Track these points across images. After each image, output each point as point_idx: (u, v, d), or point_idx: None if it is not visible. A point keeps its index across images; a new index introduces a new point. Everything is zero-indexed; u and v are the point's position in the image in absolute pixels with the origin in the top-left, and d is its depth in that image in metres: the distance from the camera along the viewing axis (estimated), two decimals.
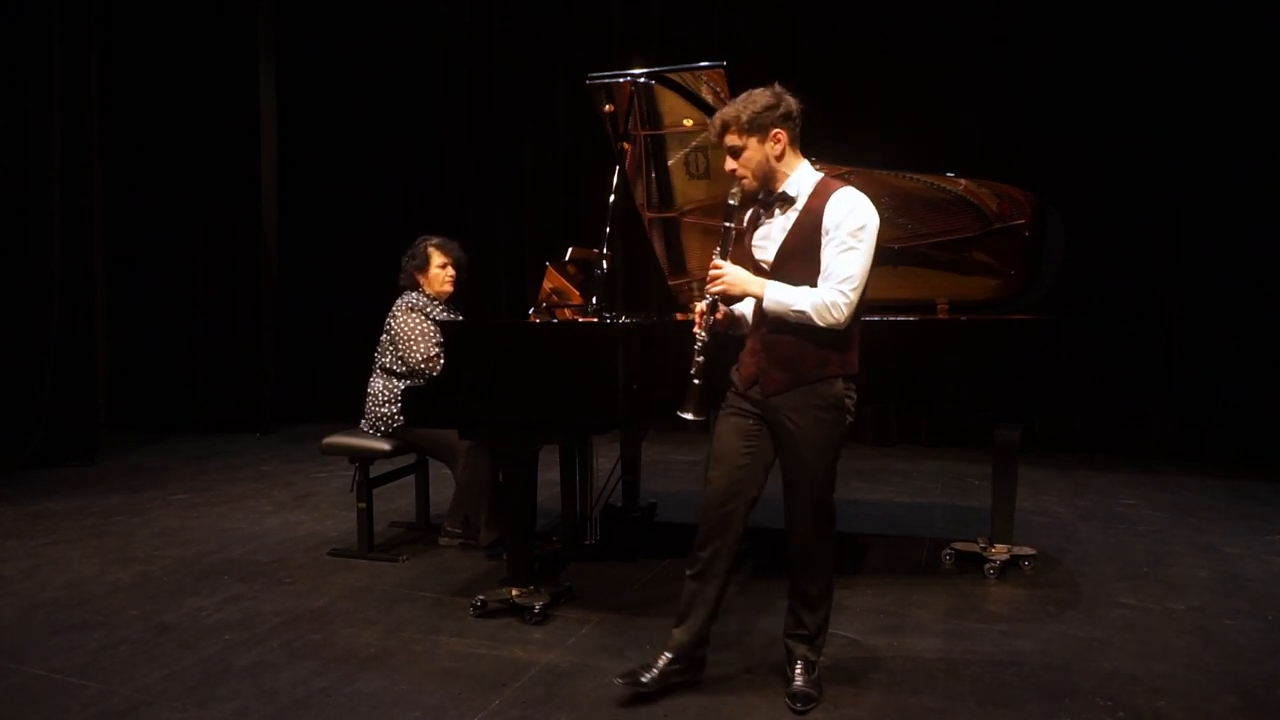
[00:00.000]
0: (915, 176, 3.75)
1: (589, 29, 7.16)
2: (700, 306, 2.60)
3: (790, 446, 2.56)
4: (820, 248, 2.49)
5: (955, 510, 4.83)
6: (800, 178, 2.57)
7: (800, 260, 2.51)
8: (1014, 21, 6.25)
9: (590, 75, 3.57)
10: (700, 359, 2.57)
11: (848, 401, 2.57)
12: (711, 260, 2.59)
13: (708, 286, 2.57)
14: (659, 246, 4.10)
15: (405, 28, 7.74)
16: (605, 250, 3.58)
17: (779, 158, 2.54)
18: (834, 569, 2.70)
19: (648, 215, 4.03)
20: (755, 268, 2.61)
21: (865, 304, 2.59)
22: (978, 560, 3.74)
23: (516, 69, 7.41)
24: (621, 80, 3.52)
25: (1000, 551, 3.71)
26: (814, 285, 2.49)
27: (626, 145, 3.70)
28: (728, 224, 2.58)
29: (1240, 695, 2.65)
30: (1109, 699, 2.63)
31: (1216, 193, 5.99)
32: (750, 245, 2.65)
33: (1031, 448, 5.05)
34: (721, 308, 2.63)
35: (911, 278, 3.94)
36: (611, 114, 3.61)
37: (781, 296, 2.49)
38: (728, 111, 2.54)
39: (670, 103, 3.61)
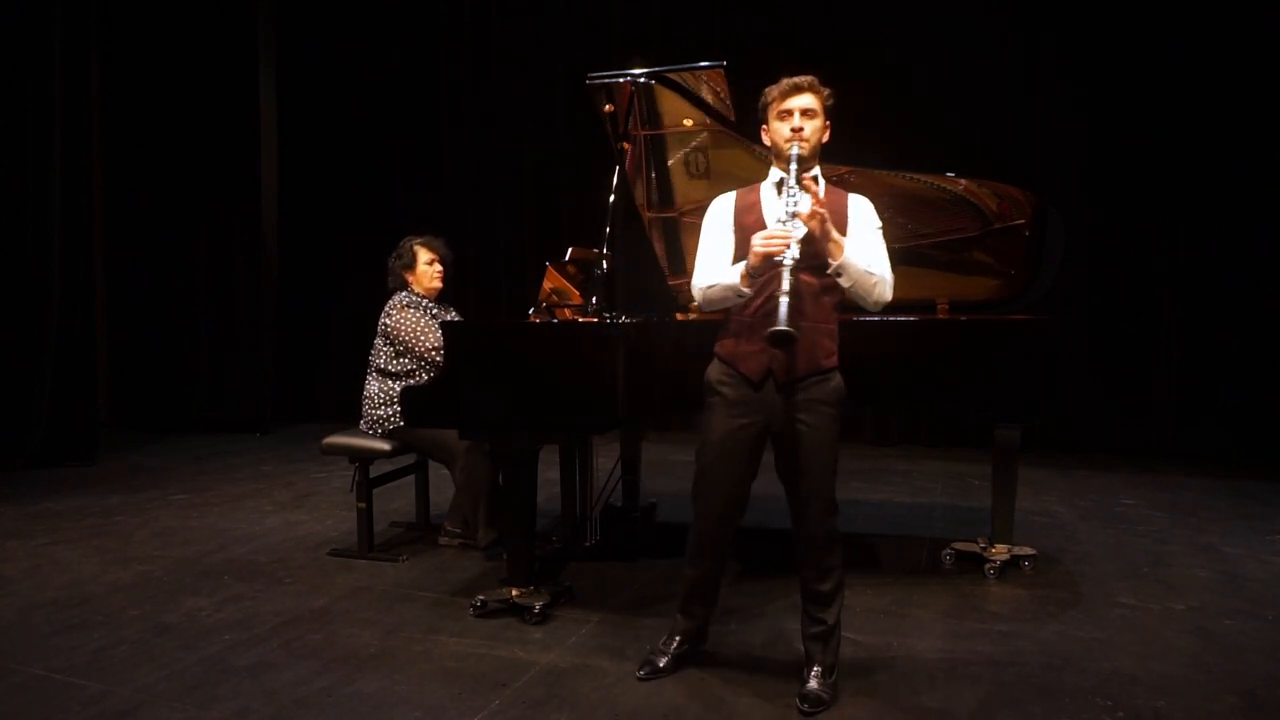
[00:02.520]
0: (915, 176, 3.75)
1: (589, 29, 7.16)
2: (795, 226, 2.43)
3: (801, 446, 2.58)
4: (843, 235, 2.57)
5: (955, 510, 4.83)
6: (818, 170, 2.68)
7: (820, 241, 2.50)
8: (1014, 20, 6.26)
9: (590, 75, 3.57)
10: (793, 278, 2.38)
11: None
12: (788, 185, 2.49)
13: (811, 213, 2.43)
14: (659, 246, 4.10)
15: (405, 28, 7.74)
16: (605, 250, 3.57)
17: (823, 144, 2.67)
18: (845, 566, 2.69)
19: (648, 215, 4.03)
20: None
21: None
22: (978, 560, 3.74)
23: (516, 69, 7.41)
24: (621, 80, 3.52)
25: (1000, 551, 3.71)
26: (828, 268, 2.52)
27: (626, 145, 3.70)
28: (798, 167, 2.51)
29: (1240, 695, 2.66)
30: (1109, 699, 2.63)
31: (1216, 193, 5.98)
32: (760, 222, 2.59)
33: (1031, 448, 5.04)
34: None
35: (911, 278, 3.92)
36: (611, 114, 3.61)
37: (860, 255, 2.53)
38: (815, 81, 2.63)
39: (670, 103, 3.61)
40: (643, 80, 3.51)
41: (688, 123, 3.67)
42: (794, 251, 2.40)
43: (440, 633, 3.13)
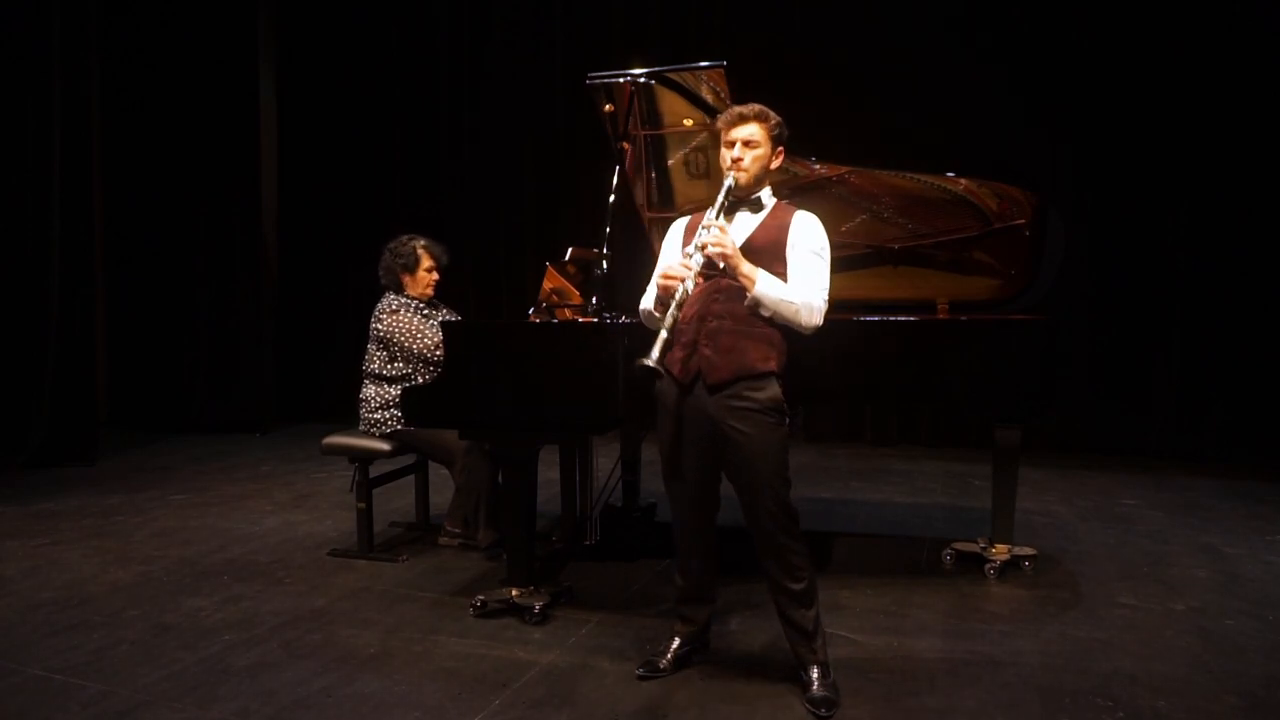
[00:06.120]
0: (915, 176, 3.75)
1: (589, 29, 7.16)
2: (695, 261, 2.51)
3: (739, 455, 2.59)
4: (784, 254, 2.62)
5: (955, 510, 4.83)
6: (768, 191, 2.73)
7: (763, 259, 2.59)
8: (1014, 19, 6.25)
9: (590, 75, 3.57)
10: (678, 312, 2.48)
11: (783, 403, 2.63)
12: (706, 219, 2.56)
13: (709, 242, 2.51)
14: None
15: (406, 28, 7.74)
16: (605, 250, 3.57)
17: (772, 170, 2.71)
18: (814, 563, 2.70)
19: (648, 215, 4.03)
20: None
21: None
22: (978, 560, 3.74)
23: (516, 68, 7.41)
24: (621, 80, 3.52)
25: (1000, 551, 3.71)
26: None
27: (626, 145, 3.70)
28: (724, 198, 2.60)
29: (1240, 695, 2.66)
30: (1109, 699, 2.63)
31: (1217, 192, 5.98)
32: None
33: (1031, 448, 5.04)
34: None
35: (911, 278, 3.94)
36: (611, 114, 3.61)
37: (775, 284, 2.56)
38: (763, 110, 2.65)
39: (670, 103, 3.61)
40: (643, 80, 3.51)
41: (688, 123, 3.67)
42: (689, 285, 2.49)
43: (440, 633, 3.12)
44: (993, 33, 6.28)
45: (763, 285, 2.54)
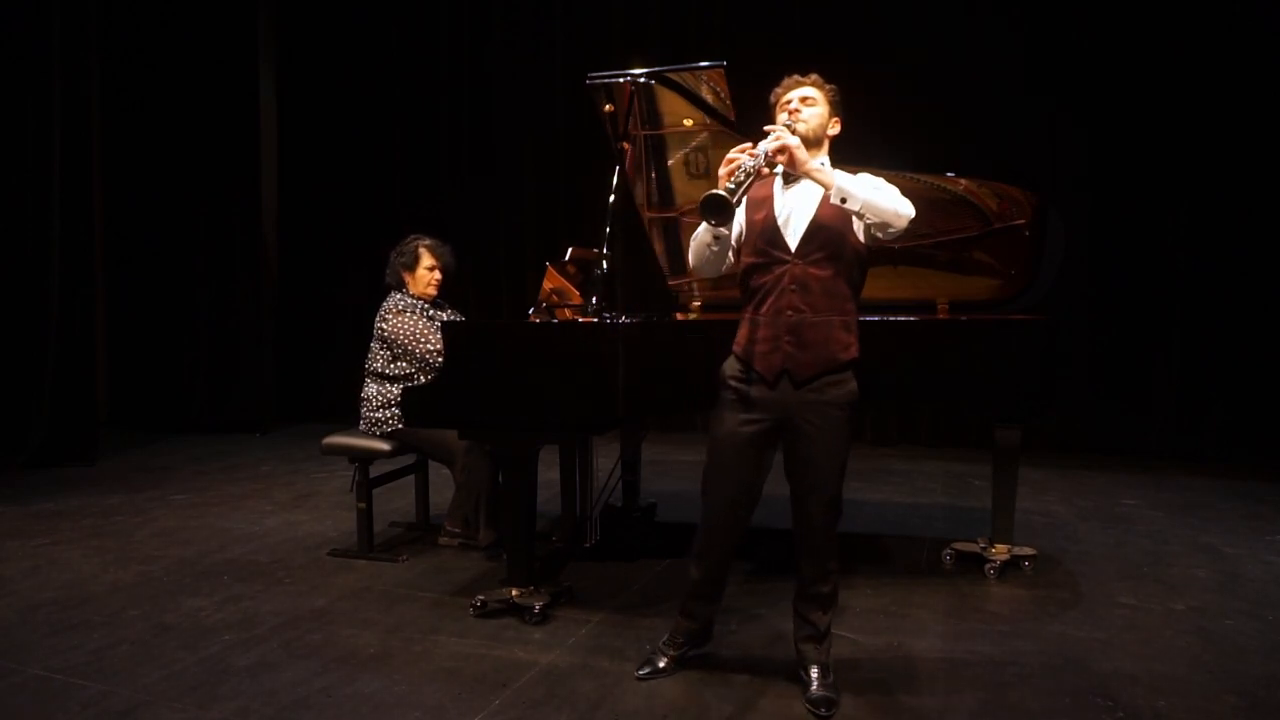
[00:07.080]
0: (915, 176, 3.75)
1: (589, 29, 7.16)
2: (762, 147, 2.47)
3: (807, 449, 2.57)
4: (849, 226, 2.55)
5: (955, 510, 4.83)
6: (828, 161, 2.65)
7: (834, 228, 2.54)
8: (1015, 19, 6.26)
9: (590, 75, 3.57)
10: (746, 180, 2.42)
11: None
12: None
13: (781, 136, 2.48)
14: (659, 246, 4.10)
15: (406, 28, 7.74)
16: (605, 250, 3.57)
17: (830, 138, 2.68)
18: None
19: (648, 215, 4.03)
20: (770, 240, 2.57)
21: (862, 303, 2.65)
22: (978, 560, 3.74)
23: (516, 69, 7.41)
24: (621, 80, 3.52)
25: (1000, 551, 3.71)
26: (842, 262, 2.56)
27: (626, 145, 3.69)
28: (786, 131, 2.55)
29: (1240, 695, 2.65)
30: (1109, 699, 2.63)
31: (1217, 192, 5.98)
32: (769, 217, 2.60)
33: (1031, 448, 5.04)
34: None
35: (912, 278, 3.94)
36: (611, 114, 3.61)
37: (858, 179, 2.51)
38: (819, 78, 2.69)
39: (670, 103, 3.61)
40: (643, 80, 3.51)
41: (688, 123, 3.67)
42: (755, 164, 2.44)
43: (440, 633, 3.12)
44: (993, 32, 6.28)
45: (842, 178, 2.49)
